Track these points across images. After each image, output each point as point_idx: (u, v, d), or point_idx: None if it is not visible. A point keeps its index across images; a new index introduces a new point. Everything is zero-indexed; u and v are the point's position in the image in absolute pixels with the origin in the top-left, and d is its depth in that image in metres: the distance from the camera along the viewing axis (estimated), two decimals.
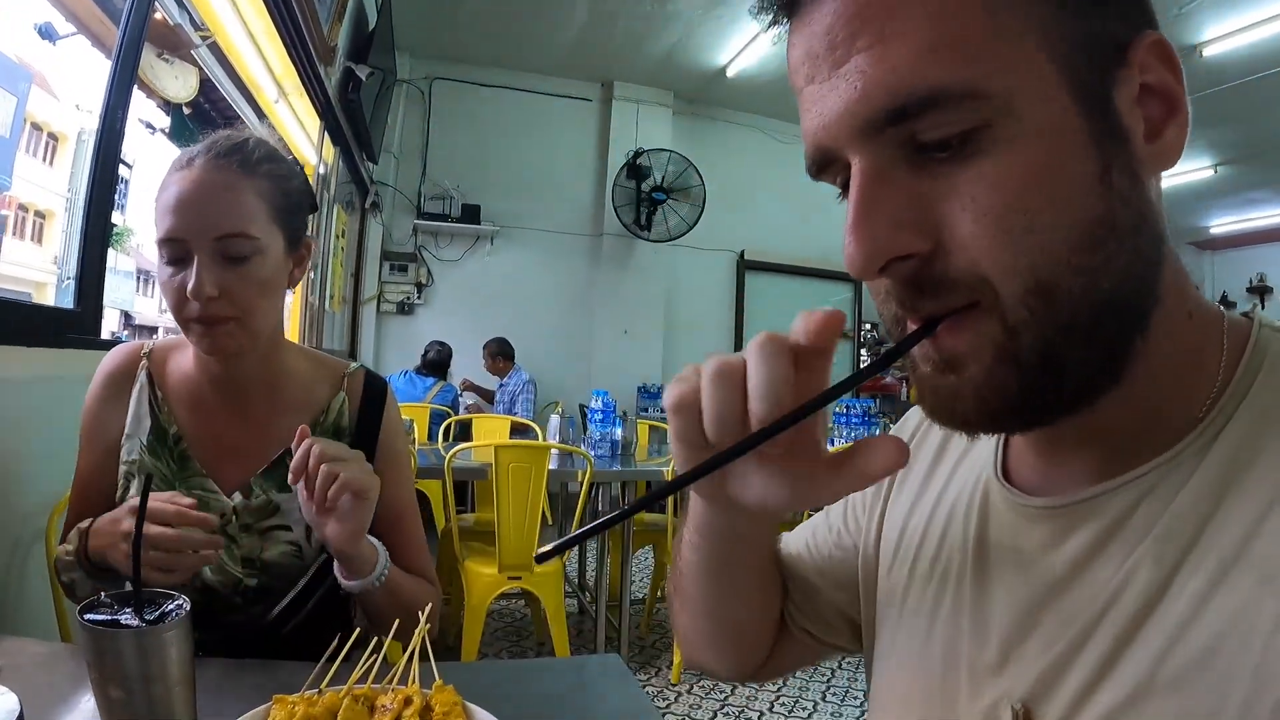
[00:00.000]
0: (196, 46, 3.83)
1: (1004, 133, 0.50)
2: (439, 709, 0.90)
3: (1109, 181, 0.51)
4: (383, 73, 5.75)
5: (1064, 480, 0.61)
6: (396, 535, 1.37)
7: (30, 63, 2.73)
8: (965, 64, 0.49)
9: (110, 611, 0.78)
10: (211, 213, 1.17)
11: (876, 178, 0.52)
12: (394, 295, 7.52)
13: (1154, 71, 0.53)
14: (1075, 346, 0.52)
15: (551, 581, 3.39)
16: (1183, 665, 0.49)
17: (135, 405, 1.32)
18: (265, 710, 0.89)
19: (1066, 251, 0.50)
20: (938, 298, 0.53)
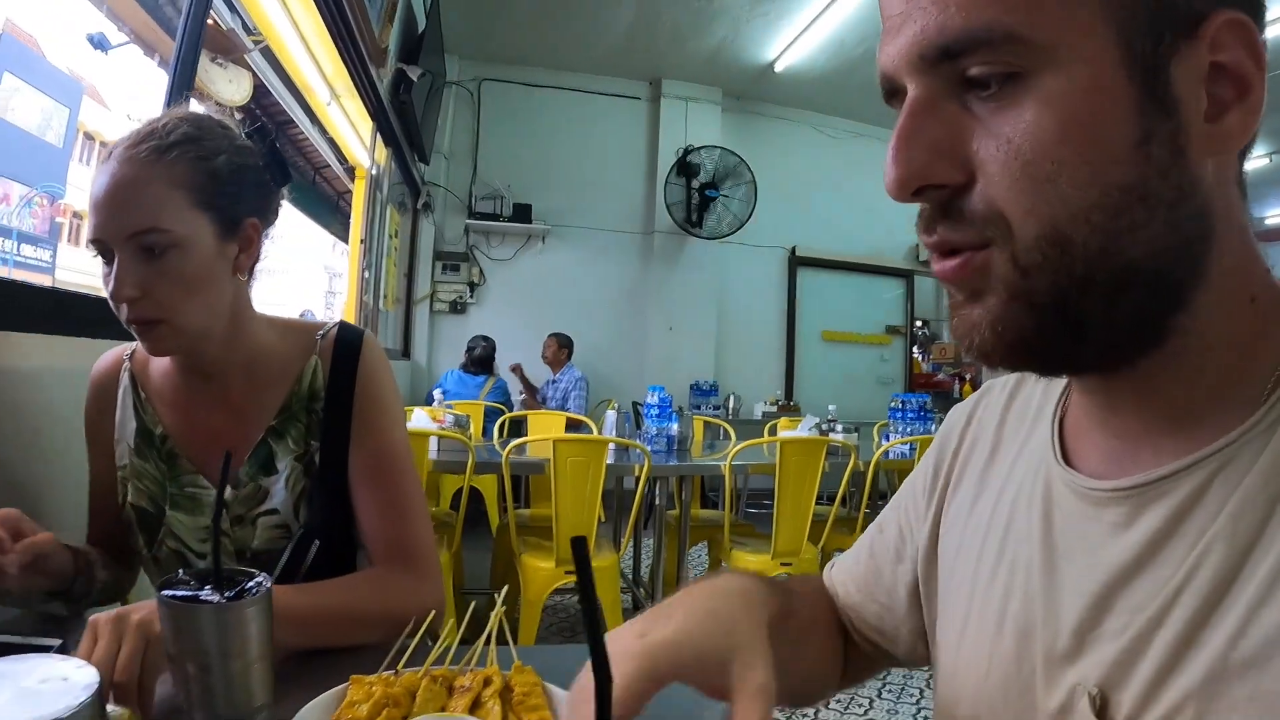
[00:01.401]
0: (249, 50, 3.88)
1: (1045, 83, 0.51)
2: (519, 689, 0.88)
3: (1147, 151, 0.51)
4: (432, 75, 5.79)
5: (1130, 462, 0.61)
6: (373, 492, 1.29)
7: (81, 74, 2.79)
8: (1017, 11, 0.50)
9: (189, 589, 0.77)
10: (122, 209, 1.11)
11: (924, 107, 0.55)
12: (447, 295, 7.57)
13: (1229, 51, 0.52)
14: (1094, 302, 0.53)
15: (608, 576, 3.38)
16: (1258, 646, 0.49)
17: (121, 410, 1.31)
18: (342, 690, 0.88)
19: (1087, 208, 0.51)
20: (956, 228, 0.55)
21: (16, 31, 2.43)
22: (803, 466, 3.62)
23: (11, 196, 2.47)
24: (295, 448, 1.28)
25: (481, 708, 0.86)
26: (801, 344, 8.53)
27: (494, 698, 0.87)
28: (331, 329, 1.35)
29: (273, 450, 1.27)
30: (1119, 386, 0.61)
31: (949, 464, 0.84)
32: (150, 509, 1.26)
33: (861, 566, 0.93)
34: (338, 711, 0.85)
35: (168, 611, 0.75)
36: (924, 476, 0.87)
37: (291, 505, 1.26)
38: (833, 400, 5.80)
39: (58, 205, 2.72)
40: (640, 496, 3.48)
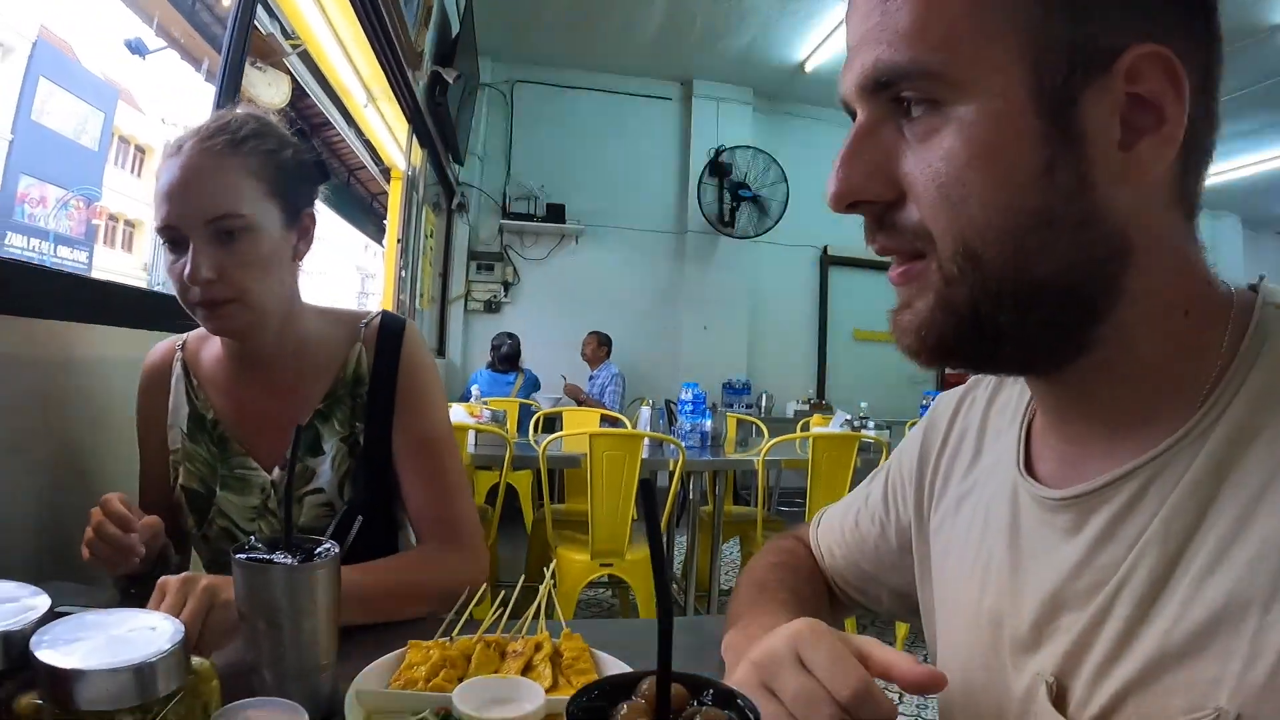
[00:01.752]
0: (288, 55, 3.95)
1: (958, 112, 0.56)
2: (568, 654, 0.92)
3: (1051, 178, 0.55)
4: (466, 77, 5.85)
5: (1081, 466, 0.66)
6: (418, 473, 1.36)
7: (116, 80, 2.84)
8: (936, 50, 0.56)
9: (262, 554, 0.82)
10: (201, 196, 1.17)
11: (866, 131, 0.61)
12: (481, 294, 7.63)
13: (1148, 82, 0.55)
14: (1007, 313, 0.58)
15: (642, 569, 3.41)
16: (1189, 638, 0.54)
17: (174, 396, 1.37)
18: (401, 654, 0.92)
19: (995, 229, 0.56)
20: (891, 238, 0.62)
21: (51, 38, 2.49)
22: (835, 462, 3.63)
23: (48, 199, 2.53)
24: (340, 430, 1.34)
25: (533, 670, 0.90)
26: (833, 342, 8.50)
27: (545, 661, 0.91)
28: (374, 318, 1.42)
29: (319, 433, 1.34)
30: (1063, 393, 0.67)
31: (936, 455, 0.90)
32: (201, 490, 1.33)
33: (848, 535, 1.02)
34: (397, 672, 0.89)
35: (243, 572, 0.79)
36: (911, 460, 0.94)
37: (336, 484, 1.32)
38: (864, 398, 5.79)
39: (94, 208, 2.77)
40: (674, 491, 3.51)
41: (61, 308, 1.42)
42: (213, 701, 0.67)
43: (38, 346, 1.33)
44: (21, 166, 2.40)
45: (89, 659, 0.59)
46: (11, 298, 1.28)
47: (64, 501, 1.37)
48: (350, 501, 1.32)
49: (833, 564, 1.04)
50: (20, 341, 1.28)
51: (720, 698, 0.49)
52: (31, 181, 2.47)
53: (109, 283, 1.92)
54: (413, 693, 0.85)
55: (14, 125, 2.38)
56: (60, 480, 1.39)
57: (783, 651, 0.63)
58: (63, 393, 1.41)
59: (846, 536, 1.02)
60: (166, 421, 1.37)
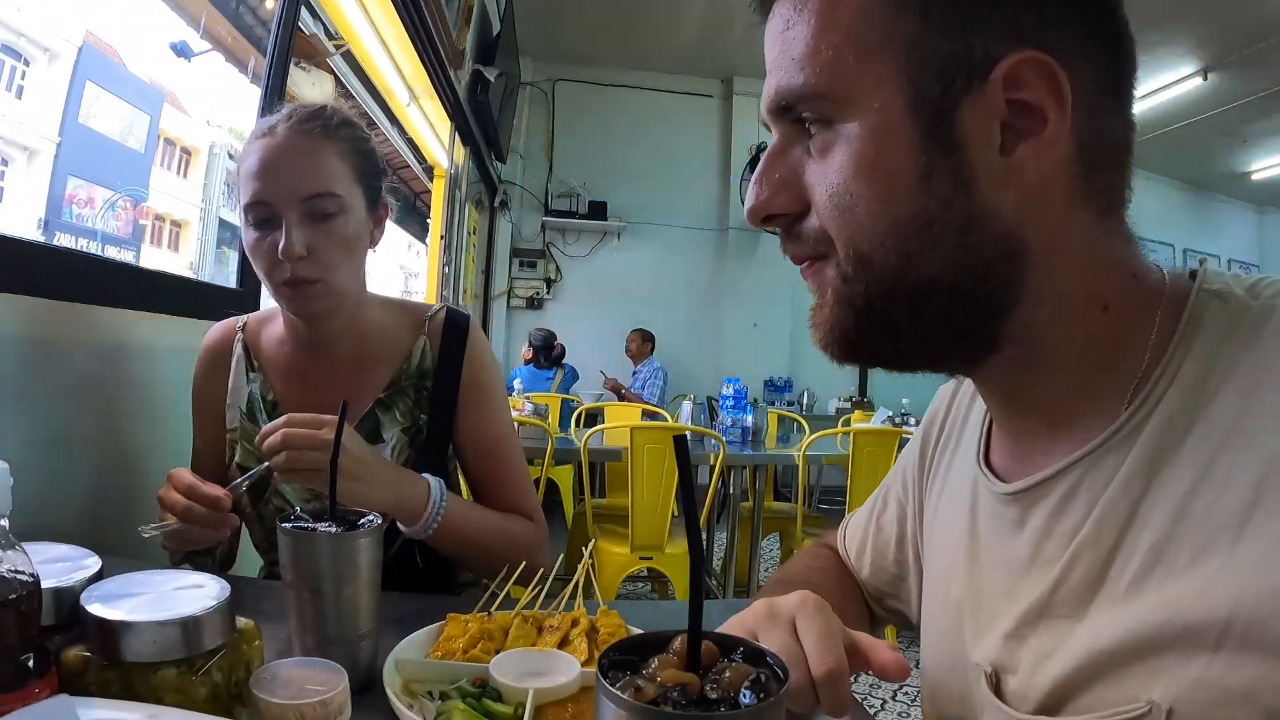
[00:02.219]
0: (331, 55, 3.99)
1: (845, 129, 0.60)
2: (604, 630, 0.93)
3: (928, 185, 0.58)
4: (507, 76, 5.88)
5: (1026, 462, 0.69)
6: (487, 467, 1.42)
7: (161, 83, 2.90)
8: (821, 74, 0.60)
9: (307, 524, 0.84)
10: (298, 175, 1.20)
11: (776, 150, 0.65)
12: (523, 291, 7.69)
13: (1029, 89, 0.57)
14: (900, 309, 0.61)
15: (681, 563, 3.41)
16: (1125, 636, 0.55)
17: (234, 376, 1.39)
18: (439, 627, 0.93)
19: (881, 234, 0.59)
20: (799, 246, 0.65)
21: (97, 43, 2.54)
22: (876, 457, 3.61)
23: (96, 200, 2.58)
24: (402, 421, 1.37)
25: (569, 645, 0.91)
26: None
27: (581, 636, 0.92)
28: (438, 311, 1.45)
29: (379, 421, 1.36)
30: (997, 390, 0.70)
31: (933, 447, 0.92)
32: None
33: (872, 538, 1.02)
34: (436, 644, 0.91)
35: (289, 539, 0.81)
36: (914, 453, 0.96)
37: None
38: (907, 395, 5.76)
39: (141, 208, 2.83)
40: (714, 486, 3.50)
41: (113, 295, 1.45)
42: (255, 660, 0.69)
43: (89, 331, 1.36)
44: (69, 168, 2.46)
45: (137, 612, 0.61)
46: (65, 284, 1.31)
47: (110, 483, 1.42)
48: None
49: (861, 570, 1.04)
50: (74, 327, 1.32)
51: (751, 656, 0.49)
52: (79, 183, 2.53)
53: (159, 272, 1.97)
54: (450, 662, 0.86)
55: (61, 128, 2.43)
56: (108, 462, 1.42)
57: (781, 612, 0.68)
58: (113, 377, 1.45)
59: (871, 539, 1.02)
60: (225, 400, 1.39)
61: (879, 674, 0.65)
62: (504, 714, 0.76)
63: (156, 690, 0.60)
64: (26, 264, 1.29)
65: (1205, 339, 0.58)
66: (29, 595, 0.55)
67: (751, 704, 0.43)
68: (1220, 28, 6.03)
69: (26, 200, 2.39)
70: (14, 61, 2.27)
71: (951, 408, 0.90)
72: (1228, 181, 9.74)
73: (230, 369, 1.40)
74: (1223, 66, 6.63)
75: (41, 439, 1.25)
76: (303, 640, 0.83)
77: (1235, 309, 0.59)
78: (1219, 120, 7.65)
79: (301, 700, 0.60)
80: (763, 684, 0.45)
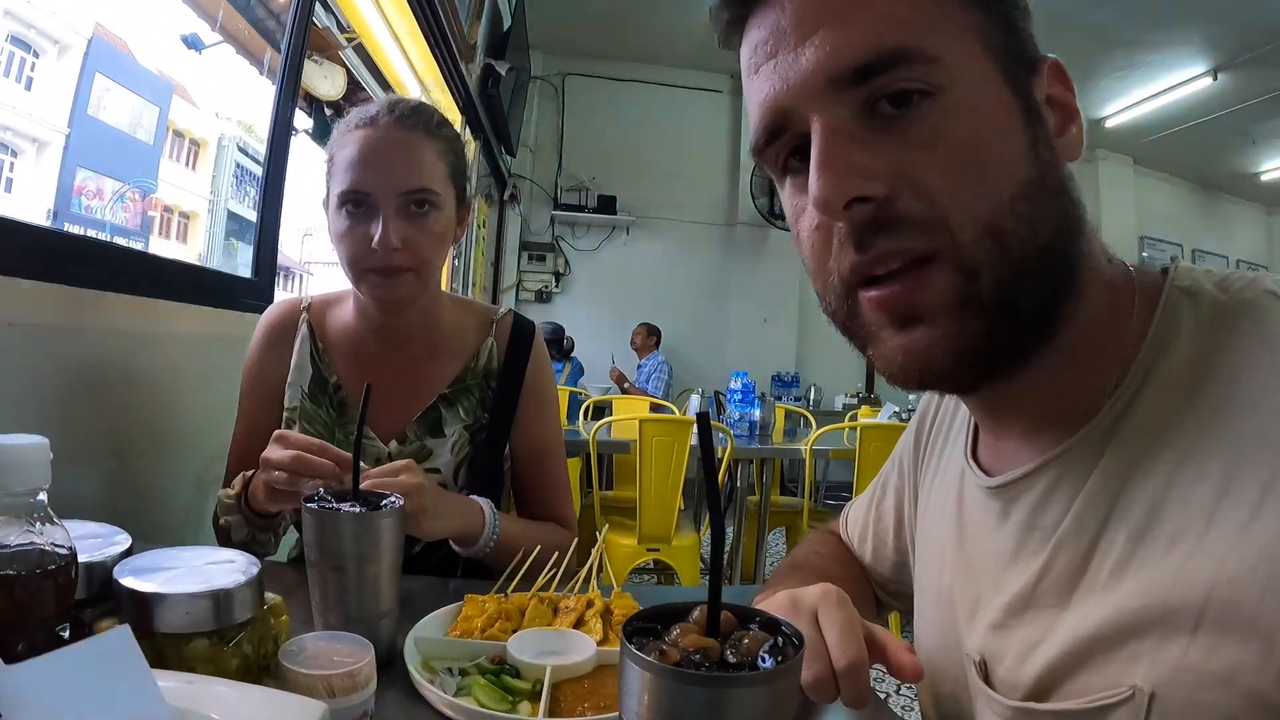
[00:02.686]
0: (343, 48, 4.01)
1: (953, 99, 0.57)
2: (619, 612, 0.94)
3: (1037, 151, 0.58)
4: (518, 70, 5.89)
5: (1009, 460, 0.69)
6: (536, 475, 1.45)
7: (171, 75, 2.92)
8: (923, 35, 0.57)
9: (331, 504, 0.85)
10: (400, 169, 1.22)
11: (838, 129, 0.58)
12: (532, 284, 7.70)
13: (1055, 87, 0.62)
14: (1026, 289, 0.57)
15: (688, 555, 3.43)
16: (1106, 626, 0.57)
17: (297, 355, 1.39)
18: (457, 607, 0.95)
19: (1010, 199, 0.56)
20: (896, 236, 0.57)
21: (107, 35, 2.56)
22: (882, 452, 3.61)
23: (105, 192, 2.60)
24: (465, 418, 1.39)
25: (585, 625, 0.92)
26: None
27: (596, 617, 0.93)
28: (506, 315, 1.48)
29: (442, 416, 1.38)
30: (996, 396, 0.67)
31: (927, 437, 0.93)
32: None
33: (870, 530, 1.04)
34: (454, 623, 0.92)
35: (313, 518, 0.83)
36: (909, 445, 0.97)
37: (453, 468, 1.37)
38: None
39: (149, 200, 2.84)
40: (722, 478, 3.51)
41: (128, 283, 1.46)
42: (283, 633, 0.71)
43: (104, 318, 1.37)
44: (79, 160, 2.47)
45: (169, 585, 0.62)
46: (80, 271, 1.32)
47: (125, 468, 1.43)
48: (462, 487, 1.37)
49: (864, 557, 1.06)
50: (88, 313, 1.33)
51: (767, 625, 0.51)
52: (88, 174, 2.54)
53: (174, 261, 1.98)
54: (469, 640, 0.88)
55: (70, 120, 2.45)
56: (122, 448, 1.43)
57: (804, 603, 0.69)
58: (127, 364, 1.45)
59: (872, 526, 1.04)
60: (286, 378, 1.39)
61: (895, 673, 0.66)
62: (522, 690, 0.78)
63: (188, 661, 0.62)
64: (43, 250, 1.30)
65: (1180, 337, 0.60)
66: (66, 567, 0.57)
67: (771, 667, 0.45)
68: (1231, 28, 6.01)
69: (36, 191, 2.41)
70: (24, 53, 2.28)
71: (945, 397, 0.91)
72: (1237, 182, 9.71)
73: (294, 348, 1.40)
74: (1233, 66, 6.61)
75: (55, 424, 1.26)
76: (325, 617, 0.85)
77: (1207, 306, 0.60)
78: (1229, 120, 7.64)
79: (330, 671, 0.61)
80: (780, 648, 0.47)
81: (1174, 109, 7.40)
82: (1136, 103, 7.56)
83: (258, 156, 2.65)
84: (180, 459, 1.63)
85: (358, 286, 1.29)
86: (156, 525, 1.52)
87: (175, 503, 1.62)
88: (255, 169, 2.86)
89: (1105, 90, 7.41)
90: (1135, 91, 7.28)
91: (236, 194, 3.42)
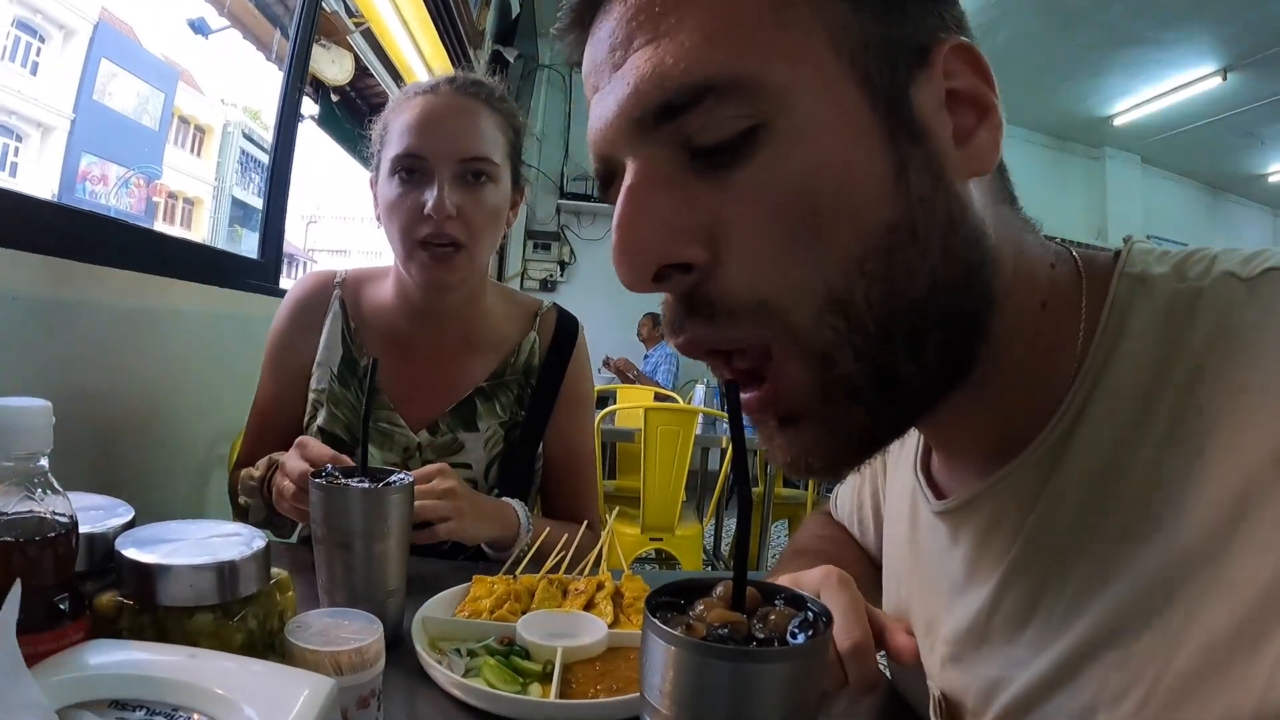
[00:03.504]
0: (351, 33, 3.99)
1: (782, 129, 0.46)
2: (629, 594, 0.93)
3: (905, 183, 0.47)
4: (526, 58, 5.87)
5: (959, 479, 0.62)
6: (566, 477, 1.40)
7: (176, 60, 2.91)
8: (739, 56, 0.45)
9: (339, 479, 0.84)
10: (460, 134, 1.18)
11: (648, 178, 0.48)
12: (537, 273, 7.67)
13: (962, 77, 0.49)
14: (902, 359, 0.48)
15: (691, 544, 3.42)
16: (1064, 665, 0.50)
17: (328, 334, 1.33)
18: (465, 588, 0.94)
19: (858, 259, 0.46)
20: (713, 324, 0.48)
21: (112, 20, 2.55)
22: None
23: (109, 177, 2.59)
24: (501, 414, 1.34)
25: (595, 608, 0.91)
26: None
27: (606, 600, 0.92)
28: (549, 310, 1.45)
29: (478, 409, 1.32)
30: (934, 423, 0.60)
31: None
32: (345, 438, 1.29)
33: (856, 515, 1.01)
34: (462, 603, 0.91)
35: (321, 493, 0.81)
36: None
37: (485, 464, 1.32)
38: None
39: (154, 185, 2.84)
40: (726, 468, 3.50)
41: (134, 259, 1.44)
42: (289, 609, 0.69)
43: (110, 293, 1.35)
44: (83, 145, 2.47)
45: (172, 557, 0.60)
46: (87, 246, 1.31)
47: (128, 443, 1.41)
48: (492, 484, 1.32)
49: (857, 538, 1.03)
50: (95, 289, 1.31)
51: (792, 601, 0.49)
52: (93, 160, 2.54)
53: (180, 239, 1.98)
54: (478, 621, 0.86)
55: (76, 105, 2.44)
56: (125, 423, 1.42)
57: (807, 585, 0.66)
58: (132, 340, 1.44)
59: (857, 512, 1.01)
60: (315, 358, 1.34)
61: (894, 656, 0.64)
62: (533, 671, 0.77)
63: (191, 635, 0.60)
64: (50, 225, 1.29)
65: (1129, 337, 0.51)
66: (66, 536, 0.55)
67: (805, 642, 0.43)
68: (1241, 27, 5.97)
69: (41, 176, 2.40)
70: (30, 38, 2.28)
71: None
72: (1244, 183, 9.67)
73: (324, 326, 1.35)
74: (1243, 66, 6.57)
75: (59, 398, 1.24)
76: (331, 595, 0.83)
77: (1161, 296, 0.51)
78: (1237, 121, 7.60)
79: (338, 648, 0.59)
80: (811, 623, 0.45)
81: (1183, 108, 7.36)
82: (1145, 101, 7.53)
83: (263, 143, 2.65)
84: (184, 437, 1.61)
85: (407, 267, 1.23)
86: (159, 503, 1.50)
87: (178, 481, 1.61)
88: (260, 156, 2.86)
89: (1114, 88, 7.38)
90: (1144, 90, 7.24)
91: (241, 181, 3.41)
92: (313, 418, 1.32)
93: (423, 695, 0.75)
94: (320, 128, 4.18)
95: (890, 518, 0.80)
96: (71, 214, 1.44)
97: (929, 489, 0.66)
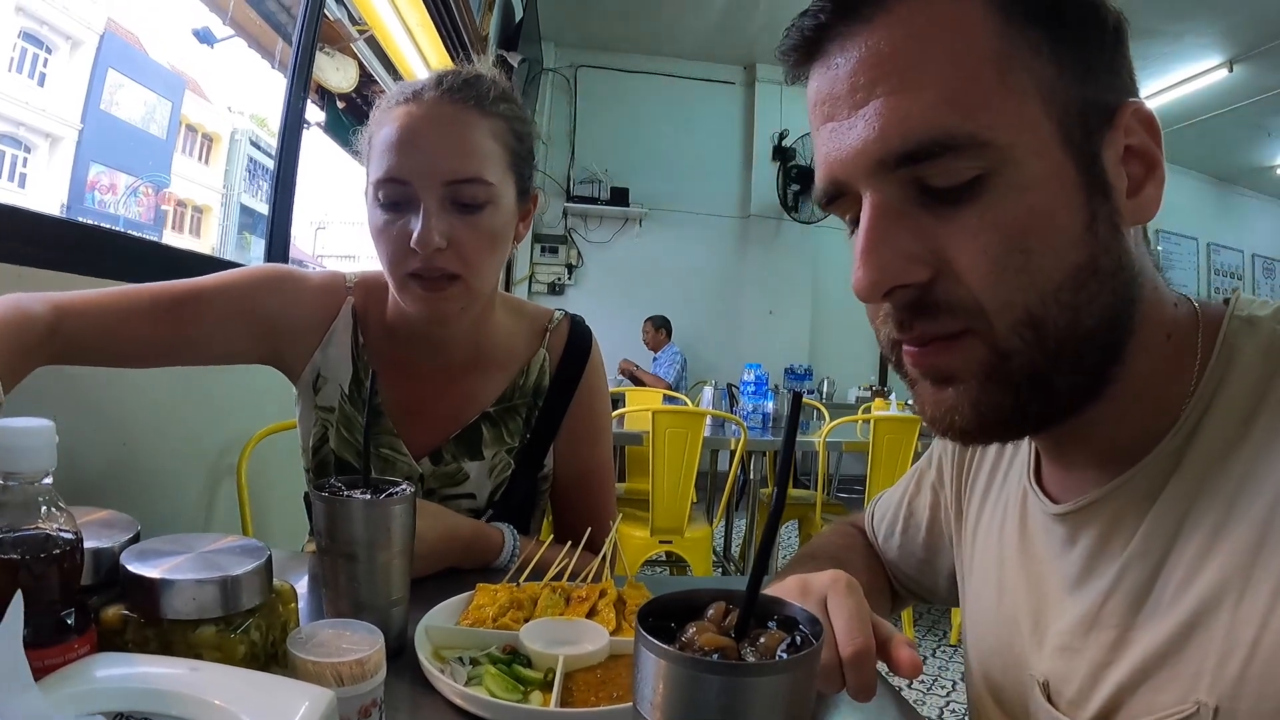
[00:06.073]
0: (355, 40, 4.00)
1: (1005, 180, 0.55)
2: (632, 602, 0.93)
3: (1094, 230, 0.57)
4: (530, 62, 5.88)
5: (1076, 487, 0.69)
6: (581, 498, 1.32)
7: (183, 69, 2.93)
8: (974, 116, 0.54)
9: (342, 490, 0.84)
10: (444, 153, 1.04)
11: (886, 212, 0.58)
12: (545, 276, 7.69)
13: (1136, 135, 0.59)
14: (1062, 372, 0.58)
15: (701, 547, 3.43)
16: (1171, 641, 0.58)
17: (335, 345, 1.23)
18: (469, 596, 0.94)
19: (1054, 289, 0.56)
20: (935, 320, 0.59)
21: (118, 30, 2.56)
22: (896, 445, 3.60)
23: (118, 186, 2.61)
24: (509, 440, 1.26)
25: (597, 615, 0.91)
26: None
27: (609, 607, 0.92)
28: (561, 321, 1.34)
29: (483, 436, 1.24)
30: (1059, 433, 0.67)
31: (974, 452, 0.91)
32: (355, 464, 1.22)
33: (902, 520, 1.03)
34: (465, 612, 0.91)
35: (324, 505, 0.82)
36: (952, 452, 0.95)
37: (489, 494, 1.25)
38: None
39: (162, 194, 2.86)
40: (735, 470, 3.51)
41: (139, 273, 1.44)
42: (291, 621, 0.70)
43: None
44: (91, 155, 2.48)
45: (176, 571, 0.62)
46: (93, 261, 1.32)
47: (130, 458, 1.42)
48: (494, 514, 1.25)
49: (888, 551, 1.05)
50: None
51: (784, 623, 0.50)
52: (101, 169, 2.55)
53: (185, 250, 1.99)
54: (481, 629, 0.87)
55: (83, 116, 2.46)
56: (130, 438, 1.42)
57: (814, 589, 0.69)
58: None
59: (901, 522, 1.03)
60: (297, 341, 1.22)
61: (893, 668, 0.65)
62: (534, 679, 0.77)
63: (195, 648, 0.61)
64: (57, 239, 1.30)
65: (1239, 367, 0.60)
66: (71, 552, 0.56)
67: (793, 656, 0.44)
68: (1247, 19, 5.94)
69: (49, 187, 2.42)
70: (37, 49, 2.29)
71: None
72: (1253, 175, 9.62)
73: (330, 332, 1.23)
74: (1249, 58, 6.53)
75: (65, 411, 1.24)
76: (336, 605, 0.84)
77: (1265, 334, 0.61)
78: (1244, 113, 7.56)
79: (338, 659, 0.60)
80: (798, 646, 0.46)
81: (1190, 101, 7.32)
82: (1152, 94, 7.48)
83: (270, 150, 2.67)
84: (191, 448, 1.63)
85: (399, 296, 1.10)
86: (167, 513, 1.51)
87: (186, 493, 1.62)
88: (268, 163, 2.88)
89: None
90: (1151, 83, 7.19)
91: (249, 188, 3.42)
92: (322, 440, 1.23)
93: (426, 704, 0.76)
94: (326, 134, 4.19)
95: (987, 532, 0.84)
96: (78, 229, 1.46)
97: (1044, 498, 0.73)
